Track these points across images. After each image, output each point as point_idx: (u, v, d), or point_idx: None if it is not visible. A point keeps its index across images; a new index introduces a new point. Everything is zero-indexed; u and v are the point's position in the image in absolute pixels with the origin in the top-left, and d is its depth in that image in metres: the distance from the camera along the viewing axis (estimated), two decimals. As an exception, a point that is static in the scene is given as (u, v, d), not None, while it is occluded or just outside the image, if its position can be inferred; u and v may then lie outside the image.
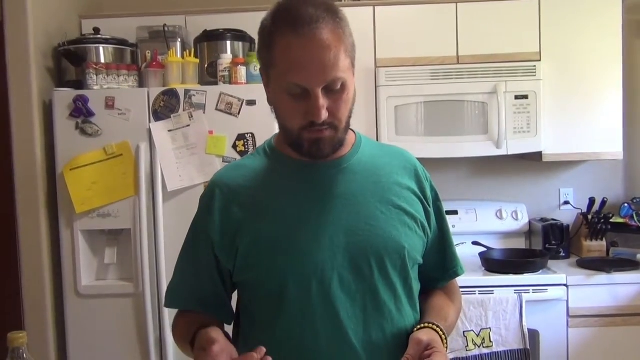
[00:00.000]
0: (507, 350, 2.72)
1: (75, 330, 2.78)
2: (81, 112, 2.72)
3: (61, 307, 2.81)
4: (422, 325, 1.28)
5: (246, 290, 1.38)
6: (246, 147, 2.71)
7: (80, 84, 2.82)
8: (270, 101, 1.31)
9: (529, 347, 2.71)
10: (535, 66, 3.03)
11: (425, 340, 1.20)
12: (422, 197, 1.37)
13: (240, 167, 1.41)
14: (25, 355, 1.26)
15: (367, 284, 1.28)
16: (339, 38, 1.20)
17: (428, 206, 1.38)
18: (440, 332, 1.26)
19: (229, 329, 1.40)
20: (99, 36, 2.93)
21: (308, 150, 1.27)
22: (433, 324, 1.27)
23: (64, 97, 2.74)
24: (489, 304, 2.74)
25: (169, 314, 2.72)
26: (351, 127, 1.39)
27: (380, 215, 1.30)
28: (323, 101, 1.20)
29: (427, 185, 1.40)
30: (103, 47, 2.90)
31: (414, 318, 1.34)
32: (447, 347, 1.26)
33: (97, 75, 2.78)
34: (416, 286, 1.38)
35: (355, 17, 3.16)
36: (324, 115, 1.21)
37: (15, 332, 1.25)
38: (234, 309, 1.44)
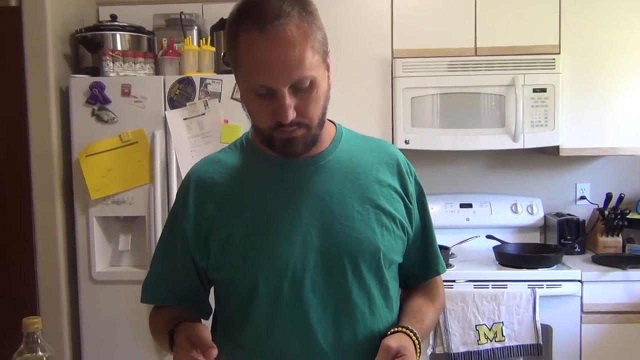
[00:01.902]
0: (520, 345, 2.70)
1: (89, 315, 2.81)
2: (97, 99, 2.73)
3: (75, 292, 2.83)
4: (395, 330, 1.25)
5: (220, 287, 1.36)
6: (261, 136, 2.71)
7: (96, 70, 2.83)
8: (241, 98, 1.25)
9: (541, 343, 2.70)
10: (554, 59, 2.99)
11: (395, 347, 1.17)
12: (403, 195, 1.33)
13: (215, 162, 1.35)
14: (39, 340, 1.27)
15: (340, 287, 1.25)
16: (305, 34, 1.13)
17: (409, 203, 1.34)
18: (413, 337, 1.23)
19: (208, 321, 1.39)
20: (116, 23, 2.94)
21: (280, 149, 1.23)
22: (407, 329, 1.24)
23: (81, 83, 2.75)
24: (502, 298, 2.72)
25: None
26: (332, 120, 1.36)
27: (356, 216, 1.26)
28: (290, 101, 1.14)
29: (410, 181, 1.36)
30: (120, 34, 2.91)
31: (389, 319, 1.31)
32: (419, 353, 1.23)
33: (113, 63, 2.79)
34: (393, 285, 1.34)
35: (373, 8, 3.16)
36: (291, 115, 1.15)
37: (30, 318, 1.26)
38: (212, 302, 1.41)
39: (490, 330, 2.71)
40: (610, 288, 2.81)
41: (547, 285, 2.78)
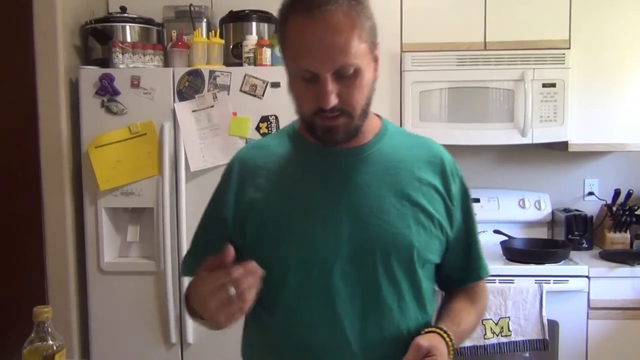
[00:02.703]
0: (526, 340, 2.70)
1: (97, 305, 2.83)
2: (107, 90, 2.74)
3: (84, 283, 2.85)
4: (428, 330, 1.24)
5: None
6: (269, 129, 2.71)
7: (106, 62, 2.84)
8: (287, 84, 1.26)
9: (547, 338, 2.70)
10: (564, 54, 2.98)
11: (426, 345, 1.16)
12: (445, 195, 1.31)
13: (261, 147, 1.40)
14: (50, 329, 1.28)
15: (369, 280, 1.24)
16: (353, 22, 1.14)
17: (451, 205, 1.32)
18: (447, 339, 1.21)
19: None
20: (126, 15, 2.95)
21: (321, 137, 1.24)
22: (440, 329, 1.23)
23: (90, 75, 2.76)
24: (508, 293, 2.72)
25: (189, 293, 2.75)
26: (378, 114, 1.36)
27: (392, 210, 1.25)
28: (332, 87, 1.15)
29: (455, 183, 1.34)
30: (129, 26, 2.92)
31: (420, 318, 1.30)
32: (452, 354, 1.21)
33: (123, 54, 2.80)
34: (427, 285, 1.32)
35: (382, 1, 3.15)
36: (332, 101, 1.16)
37: (40, 307, 1.28)
38: None
39: (496, 324, 2.71)
40: (617, 284, 2.80)
41: (554, 280, 2.78)
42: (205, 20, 2.99)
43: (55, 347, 1.28)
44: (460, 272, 1.40)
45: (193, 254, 1.43)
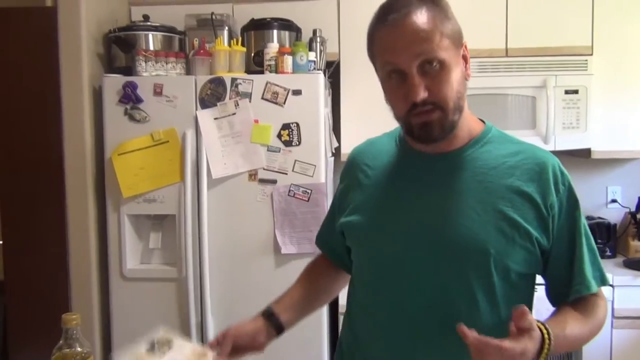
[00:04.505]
0: (549, 349, 2.67)
1: (119, 311, 2.85)
2: (130, 98, 2.77)
3: (106, 289, 2.87)
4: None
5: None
6: (290, 136, 2.72)
7: (129, 70, 2.87)
8: (384, 96, 1.31)
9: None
10: (586, 60, 2.96)
11: (529, 321, 1.06)
12: (540, 204, 1.26)
13: (370, 144, 1.50)
14: (78, 336, 1.30)
15: (442, 281, 1.26)
16: (431, 19, 1.19)
17: (546, 214, 1.26)
18: (545, 334, 1.11)
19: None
20: (149, 23, 2.97)
21: (418, 135, 1.26)
22: (542, 324, 1.13)
23: (114, 83, 2.79)
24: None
25: (210, 300, 2.76)
26: (483, 119, 1.38)
27: (474, 216, 1.24)
28: (419, 80, 1.19)
29: (558, 192, 1.28)
30: (152, 35, 2.94)
31: (489, 323, 1.25)
32: (545, 354, 1.10)
33: (146, 62, 2.82)
34: (507, 293, 1.27)
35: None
36: (422, 93, 1.19)
37: (69, 314, 1.29)
38: None
39: (519, 333, 2.68)
40: (642, 293, 2.78)
41: (577, 289, 2.75)
42: (226, 28, 3.01)
43: (83, 354, 1.30)
44: (564, 285, 1.31)
45: (320, 230, 1.62)
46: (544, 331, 1.11)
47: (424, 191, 1.30)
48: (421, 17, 1.19)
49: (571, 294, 1.30)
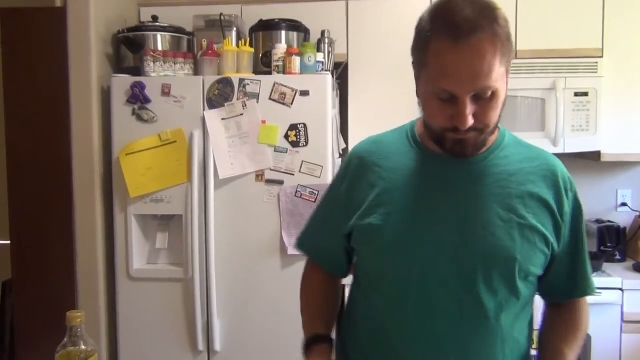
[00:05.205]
0: (557, 353, 2.65)
1: (126, 311, 2.85)
2: (138, 98, 2.77)
3: (113, 289, 2.88)
4: None
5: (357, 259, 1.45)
6: (298, 137, 2.71)
7: (137, 70, 2.87)
8: (418, 95, 1.27)
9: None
10: (596, 62, 2.94)
11: None
12: (555, 210, 1.29)
13: (376, 143, 1.42)
14: (82, 334, 1.29)
15: (468, 288, 1.25)
16: (496, 47, 1.14)
17: (560, 220, 1.30)
18: None
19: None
20: (157, 24, 2.98)
21: (450, 149, 1.25)
22: None
23: (122, 83, 2.79)
24: (540, 306, 2.67)
25: (216, 300, 2.75)
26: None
27: (498, 222, 1.25)
28: (470, 109, 1.17)
29: (568, 198, 1.32)
30: (160, 35, 2.95)
31: (509, 323, 1.31)
32: None
33: (154, 63, 2.83)
34: (527, 296, 1.33)
35: (412, 9, 3.13)
36: (470, 122, 1.17)
37: (73, 311, 1.29)
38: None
39: (527, 337, 2.66)
40: (652, 297, 2.75)
41: (586, 292, 2.72)
42: (235, 29, 3.01)
43: (87, 352, 1.29)
44: (565, 288, 1.39)
45: (306, 233, 1.53)
46: None
47: (451, 198, 1.28)
48: (489, 47, 1.13)
49: (574, 296, 1.40)
